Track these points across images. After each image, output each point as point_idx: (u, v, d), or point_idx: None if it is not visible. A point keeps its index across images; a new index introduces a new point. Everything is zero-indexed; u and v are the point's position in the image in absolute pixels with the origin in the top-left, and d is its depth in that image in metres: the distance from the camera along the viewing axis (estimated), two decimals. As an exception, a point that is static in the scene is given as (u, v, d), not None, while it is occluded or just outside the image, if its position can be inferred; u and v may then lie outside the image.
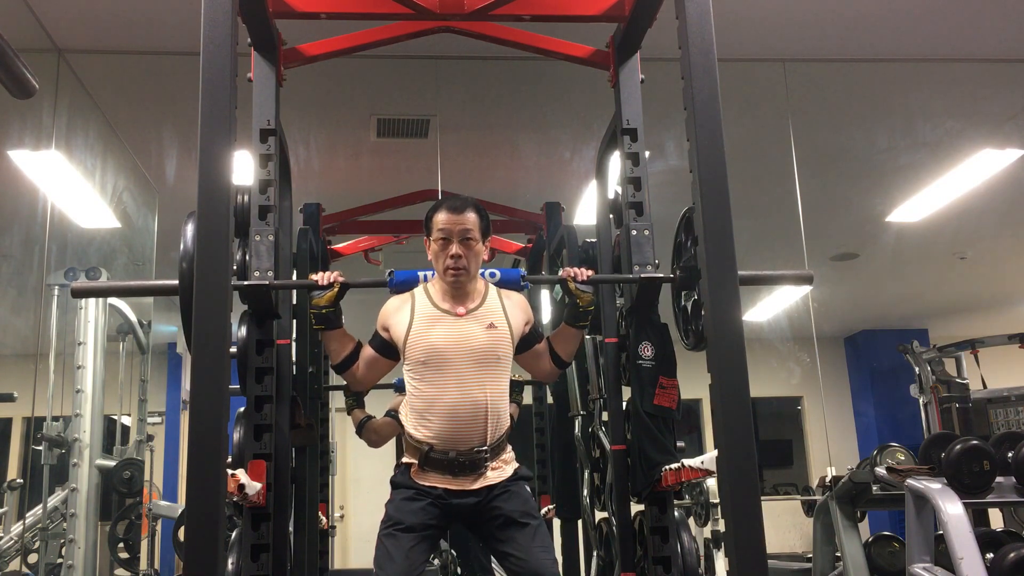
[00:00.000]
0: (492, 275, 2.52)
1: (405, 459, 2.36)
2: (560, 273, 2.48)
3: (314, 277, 2.40)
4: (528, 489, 2.37)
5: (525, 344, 2.45)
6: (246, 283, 2.45)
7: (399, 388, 4.00)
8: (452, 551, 4.78)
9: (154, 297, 5.54)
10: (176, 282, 2.24)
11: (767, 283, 2.62)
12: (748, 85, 4.33)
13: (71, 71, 3.97)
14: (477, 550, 4.50)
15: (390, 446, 3.95)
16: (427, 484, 2.29)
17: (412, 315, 2.34)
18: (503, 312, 2.37)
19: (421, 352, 2.30)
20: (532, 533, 2.25)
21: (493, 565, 4.49)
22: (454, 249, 2.30)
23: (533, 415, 4.82)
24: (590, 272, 2.46)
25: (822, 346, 6.71)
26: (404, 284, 2.48)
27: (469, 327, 2.31)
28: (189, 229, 2.25)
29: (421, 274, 2.50)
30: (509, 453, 2.38)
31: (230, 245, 2.08)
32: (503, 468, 2.33)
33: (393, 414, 3.83)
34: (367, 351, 2.42)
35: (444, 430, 2.26)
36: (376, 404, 3.88)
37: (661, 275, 2.60)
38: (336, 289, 2.37)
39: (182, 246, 2.24)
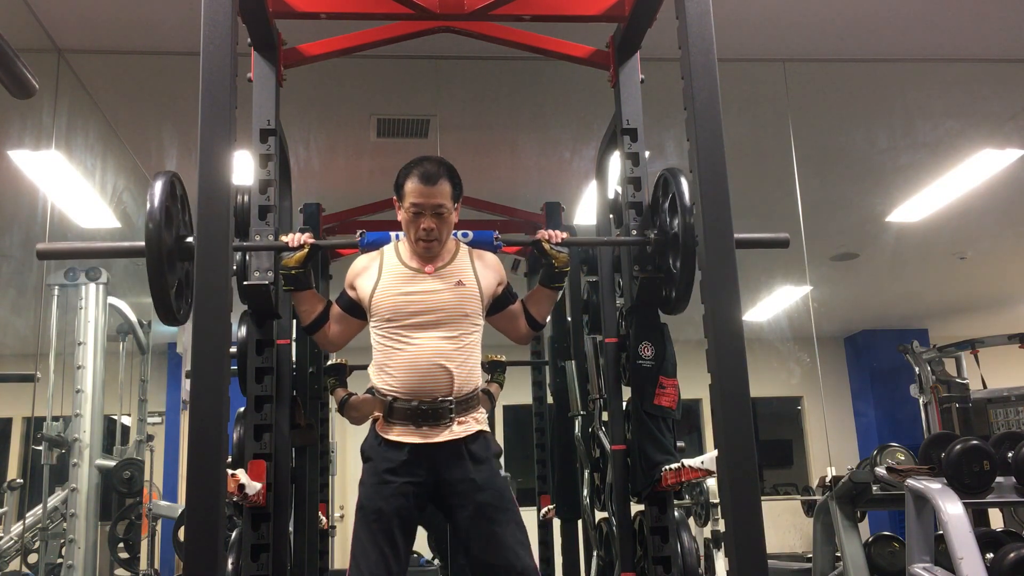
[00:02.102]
0: (465, 235, 2.49)
1: (373, 414, 2.35)
2: (536, 235, 2.45)
3: (284, 239, 2.39)
4: (502, 474, 2.32)
5: (499, 305, 2.42)
6: (245, 245, 2.41)
7: None
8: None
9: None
10: (142, 243, 2.14)
11: (743, 247, 2.59)
12: (748, 85, 4.33)
13: (71, 71, 3.97)
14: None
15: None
16: (393, 438, 2.25)
17: (380, 273, 2.33)
18: (472, 271, 2.35)
19: (387, 309, 2.28)
20: (504, 535, 2.20)
21: None
22: (426, 223, 2.28)
23: (533, 415, 4.83)
24: (565, 234, 2.45)
25: (822, 346, 6.72)
26: (375, 245, 2.46)
27: (436, 284, 2.30)
28: (157, 188, 2.16)
29: (393, 235, 2.47)
30: (481, 414, 2.34)
31: (230, 245, 2.08)
32: (470, 424, 2.28)
33: (373, 391, 3.87)
34: (335, 309, 2.41)
35: (408, 381, 2.24)
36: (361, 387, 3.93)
37: (636, 238, 2.57)
38: (306, 250, 2.35)
39: (148, 206, 2.15)
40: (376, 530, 2.19)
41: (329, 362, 4.01)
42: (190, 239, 2.23)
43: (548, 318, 2.56)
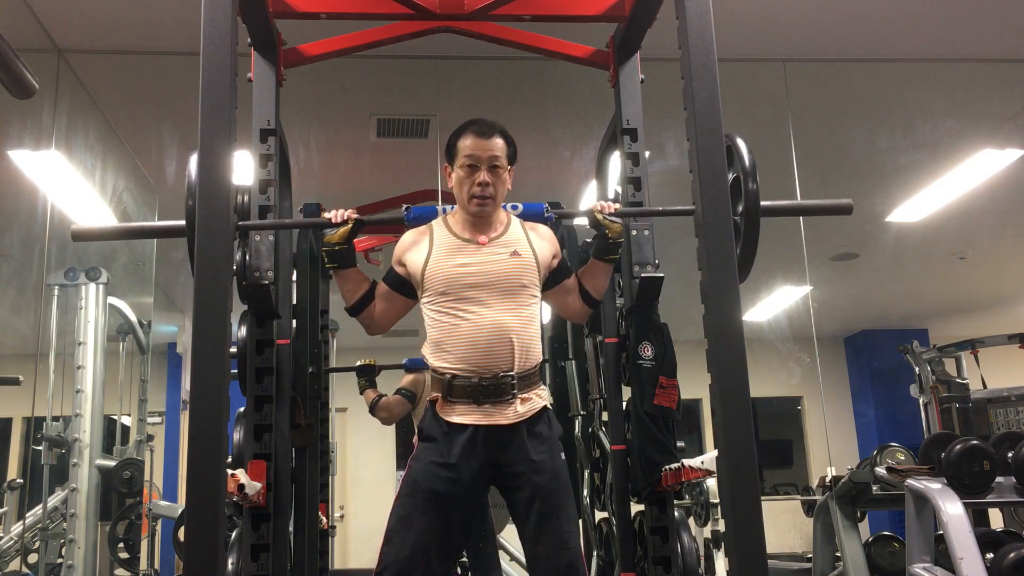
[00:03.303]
0: (515, 207, 2.44)
1: (432, 395, 2.24)
2: (589, 207, 2.38)
3: (327, 215, 2.31)
4: (561, 457, 2.22)
5: (554, 279, 2.34)
6: (249, 224, 2.36)
7: (409, 368, 4.07)
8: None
9: (153, 297, 5.56)
10: (183, 222, 2.11)
11: (796, 214, 2.51)
12: (748, 85, 4.33)
13: (71, 71, 3.97)
14: (488, 545, 4.48)
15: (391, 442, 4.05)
16: (455, 420, 2.15)
17: (431, 246, 2.25)
18: (527, 241, 2.28)
19: (440, 283, 2.20)
20: (556, 519, 2.12)
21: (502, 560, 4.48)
22: (482, 176, 2.21)
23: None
24: (617, 205, 2.39)
25: (822, 346, 6.71)
26: (422, 219, 2.39)
27: (492, 255, 2.22)
28: (193, 165, 2.12)
29: (439, 208, 2.42)
30: (543, 389, 2.26)
31: (230, 245, 2.08)
32: (533, 400, 2.20)
33: (404, 392, 3.92)
34: (381, 287, 2.32)
35: (466, 356, 2.15)
36: (389, 386, 4.01)
37: (682, 208, 2.41)
38: (350, 225, 2.27)
39: (187, 182, 2.12)
40: (426, 512, 2.09)
41: (358, 363, 4.05)
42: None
43: (603, 294, 2.46)
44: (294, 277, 3.13)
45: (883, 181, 5.62)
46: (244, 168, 2.66)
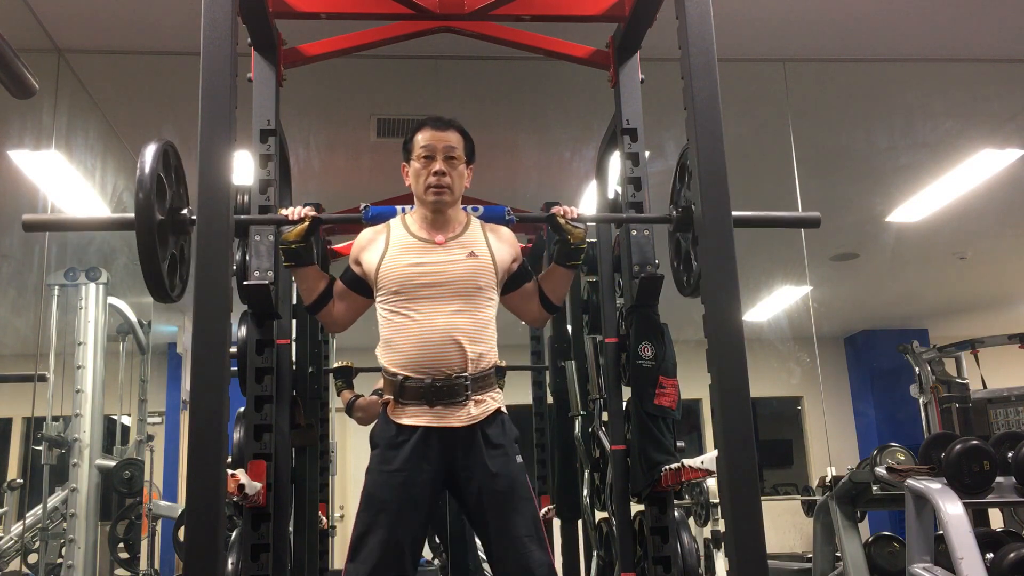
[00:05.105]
0: (475, 209, 2.42)
1: (384, 397, 2.22)
2: (550, 210, 2.35)
3: (284, 212, 2.30)
4: (518, 460, 2.19)
5: (513, 283, 2.32)
6: (243, 219, 2.34)
7: None
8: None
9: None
10: (132, 215, 2.03)
11: (765, 225, 2.52)
12: (748, 85, 4.32)
13: (71, 71, 3.97)
14: (469, 555, 4.49)
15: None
16: (405, 422, 2.13)
17: (387, 245, 2.23)
18: (486, 243, 2.25)
19: (394, 281, 2.17)
20: (514, 524, 2.10)
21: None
22: (437, 166, 2.20)
23: (533, 415, 4.82)
24: (579, 210, 2.35)
25: (822, 346, 6.72)
26: (380, 217, 2.37)
27: (448, 255, 2.20)
28: (148, 156, 2.07)
29: (398, 208, 2.40)
30: (498, 392, 2.23)
31: (230, 245, 2.08)
32: (487, 403, 2.17)
33: (380, 392, 3.94)
34: (339, 286, 2.30)
35: (418, 356, 2.13)
36: (366, 387, 4.06)
37: (657, 216, 2.47)
38: (307, 223, 2.24)
39: (137, 174, 2.04)
40: (382, 523, 2.07)
41: (335, 365, 4.08)
42: (184, 211, 2.19)
43: (564, 300, 2.44)
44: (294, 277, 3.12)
45: (883, 181, 5.62)
46: (244, 168, 2.67)
